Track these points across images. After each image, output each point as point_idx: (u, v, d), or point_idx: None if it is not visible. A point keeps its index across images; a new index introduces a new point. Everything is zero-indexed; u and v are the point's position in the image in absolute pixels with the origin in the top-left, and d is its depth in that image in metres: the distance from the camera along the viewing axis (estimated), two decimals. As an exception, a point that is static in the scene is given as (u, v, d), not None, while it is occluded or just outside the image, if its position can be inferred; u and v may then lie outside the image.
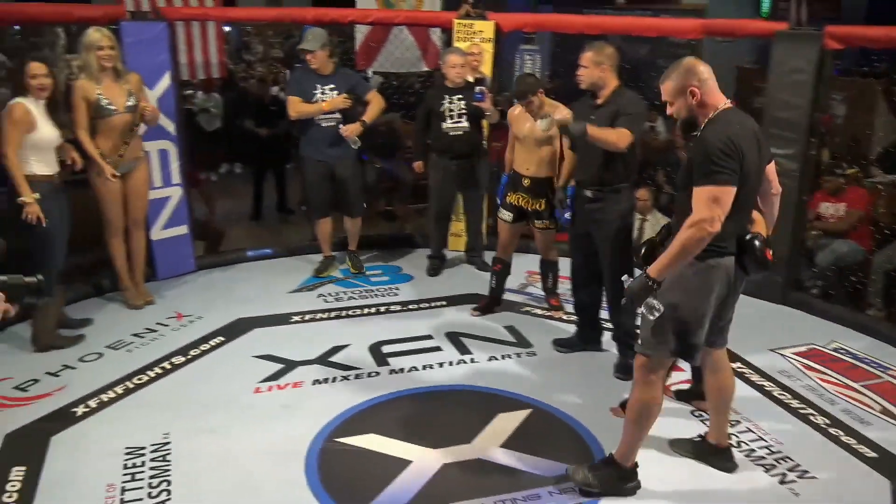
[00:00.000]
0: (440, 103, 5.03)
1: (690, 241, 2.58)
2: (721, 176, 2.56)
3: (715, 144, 2.57)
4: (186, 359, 4.07)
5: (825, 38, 4.60)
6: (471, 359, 4.12)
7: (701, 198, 2.58)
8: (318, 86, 4.90)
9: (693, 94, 2.68)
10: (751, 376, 4.01)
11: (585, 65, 3.70)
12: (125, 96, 4.34)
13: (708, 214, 2.55)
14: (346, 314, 4.70)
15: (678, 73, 2.72)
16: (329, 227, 5.30)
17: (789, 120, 4.74)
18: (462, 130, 5.05)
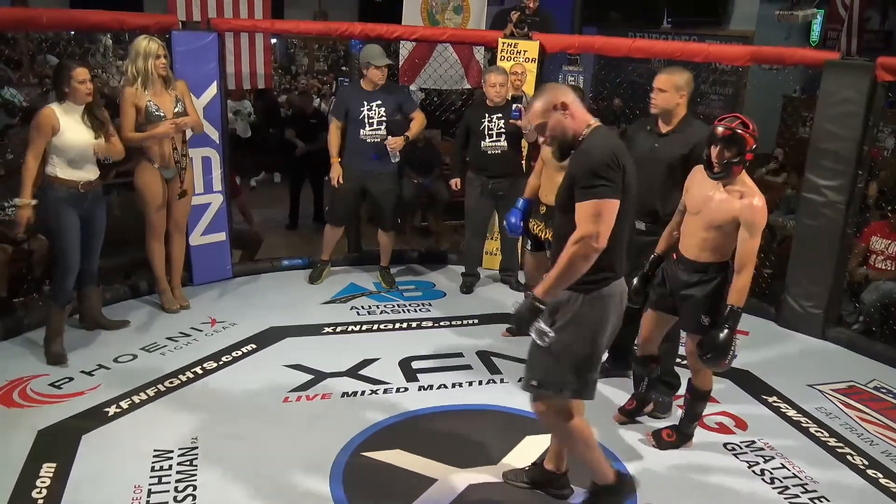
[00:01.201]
0: (480, 122, 5.04)
1: (576, 259, 2.49)
2: (604, 189, 2.47)
3: (597, 157, 2.49)
4: (218, 365, 4.11)
5: (877, 70, 4.51)
6: (500, 379, 4.09)
7: (584, 213, 2.49)
8: (365, 102, 4.98)
9: (564, 106, 2.60)
10: (787, 412, 3.91)
11: (665, 89, 3.53)
12: (173, 103, 4.44)
13: (592, 230, 2.47)
14: (378, 328, 4.71)
15: (543, 95, 2.66)
16: (338, 236, 5.40)
17: (836, 151, 4.66)
18: (500, 149, 5.04)
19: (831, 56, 4.85)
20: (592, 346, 2.66)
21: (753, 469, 3.38)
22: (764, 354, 4.49)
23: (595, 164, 2.49)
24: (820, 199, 4.74)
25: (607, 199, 2.48)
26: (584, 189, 2.49)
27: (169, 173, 4.52)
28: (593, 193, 2.47)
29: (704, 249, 3.19)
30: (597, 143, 2.56)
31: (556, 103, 2.61)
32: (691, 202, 3.26)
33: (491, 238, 5.72)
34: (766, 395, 4.05)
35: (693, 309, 3.24)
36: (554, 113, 2.62)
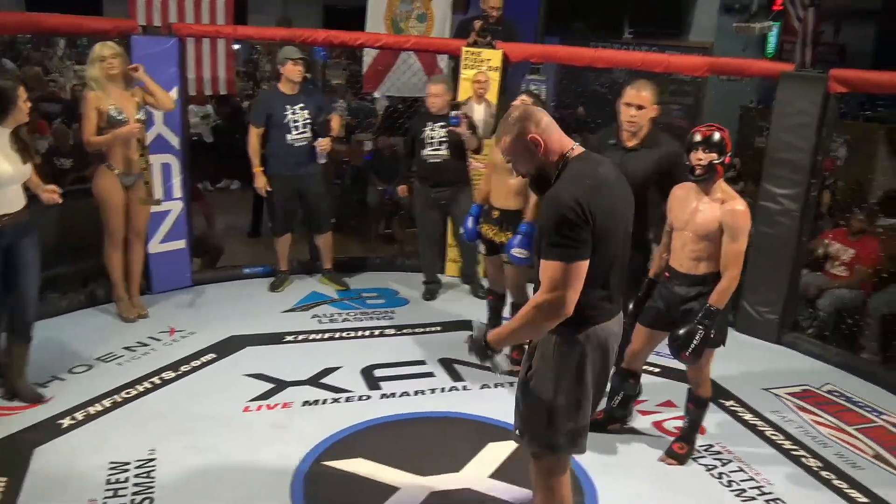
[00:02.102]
0: (422, 131, 5.06)
1: (536, 321, 2.25)
2: (568, 251, 2.17)
3: (560, 211, 2.16)
4: (177, 374, 4.05)
5: (830, 81, 4.63)
6: (463, 386, 4.10)
7: (548, 274, 2.20)
8: (288, 106, 4.99)
9: (536, 143, 2.29)
10: (744, 415, 3.98)
11: (644, 105, 3.50)
12: (135, 107, 4.38)
13: (554, 296, 2.19)
14: (340, 336, 4.68)
15: (512, 125, 2.32)
16: (288, 244, 5.38)
17: (791, 161, 4.77)
18: (441, 158, 5.04)
19: (786, 68, 4.96)
20: (569, 394, 2.38)
21: (712, 473, 3.43)
22: (722, 359, 4.54)
23: (559, 218, 2.17)
24: (776, 208, 4.85)
25: (573, 262, 2.18)
26: (549, 246, 2.20)
27: (129, 179, 4.45)
28: (557, 254, 2.19)
29: (700, 261, 3.23)
30: (564, 191, 2.21)
31: (525, 138, 2.30)
32: (677, 219, 3.31)
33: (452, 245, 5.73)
34: (723, 400, 4.11)
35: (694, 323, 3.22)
36: (524, 149, 2.33)
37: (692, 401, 3.45)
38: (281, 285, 5.38)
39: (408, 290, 5.52)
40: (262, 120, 5.03)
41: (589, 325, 2.34)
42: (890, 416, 4.08)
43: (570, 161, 2.32)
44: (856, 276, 5.19)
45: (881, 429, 3.95)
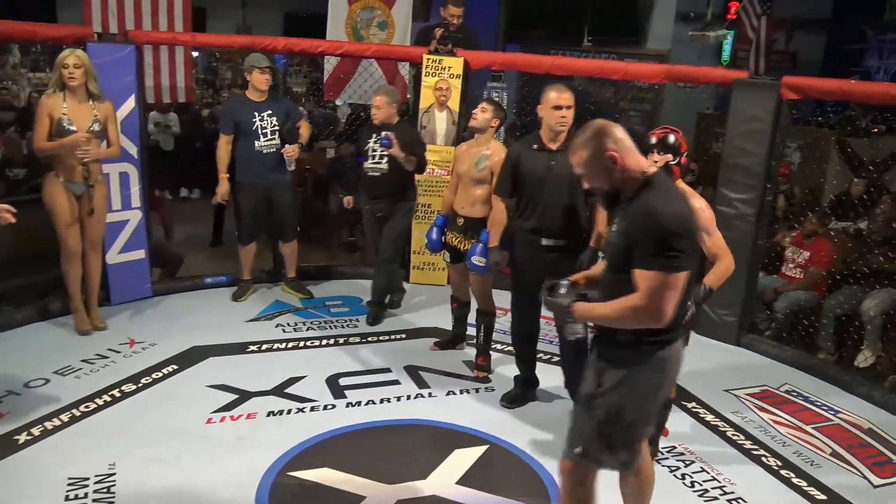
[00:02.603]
0: (366, 142, 4.89)
1: (625, 321, 2.31)
2: (675, 262, 2.21)
3: (667, 224, 2.20)
4: (137, 387, 3.97)
5: (782, 88, 4.74)
6: (429, 393, 4.09)
7: (648, 284, 2.22)
8: (256, 113, 4.97)
9: (613, 160, 2.32)
10: (705, 416, 4.05)
11: (572, 105, 3.59)
12: (90, 120, 4.29)
13: (655, 304, 2.23)
14: (304, 345, 4.64)
15: (589, 140, 2.35)
16: (253, 253, 5.33)
17: (746, 166, 4.87)
18: (380, 172, 4.82)
19: (740, 75, 5.07)
20: (642, 411, 2.41)
21: (675, 474, 3.47)
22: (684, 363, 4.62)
23: (665, 232, 2.20)
24: (732, 212, 4.94)
25: (677, 272, 2.22)
26: (651, 258, 2.21)
27: (77, 188, 4.35)
28: (661, 265, 2.20)
29: None
30: (664, 206, 2.24)
31: (604, 155, 2.31)
32: None
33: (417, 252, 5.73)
34: (685, 402, 4.17)
35: None
36: (602, 167, 2.33)
37: None
38: (244, 294, 5.32)
39: (372, 298, 5.50)
40: (230, 127, 4.99)
41: (669, 342, 2.38)
42: (846, 415, 4.18)
43: (654, 177, 2.34)
44: (810, 277, 5.32)
45: (837, 427, 4.04)
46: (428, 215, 5.62)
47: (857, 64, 11.88)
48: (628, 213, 2.32)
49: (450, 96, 5.55)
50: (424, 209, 5.70)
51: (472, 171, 4.14)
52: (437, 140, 5.62)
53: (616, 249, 2.36)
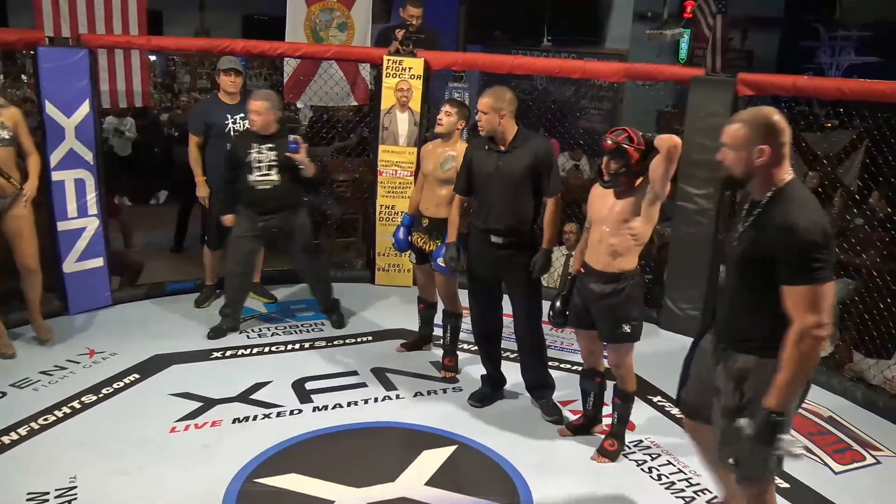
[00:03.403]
0: (247, 152, 4.51)
1: (807, 356, 2.24)
2: (823, 272, 2.21)
3: (811, 237, 2.20)
4: (98, 397, 3.89)
5: (738, 85, 4.81)
6: (396, 395, 4.07)
7: (800, 300, 2.22)
8: (228, 115, 4.92)
9: (761, 153, 2.30)
10: (671, 409, 4.09)
11: (485, 111, 3.60)
12: None
13: (815, 320, 2.21)
14: (269, 350, 4.59)
15: (758, 123, 2.33)
16: (218, 258, 5.23)
17: (706, 162, 4.91)
18: (271, 184, 4.52)
19: (697, 73, 5.15)
20: (790, 417, 2.38)
21: (642, 468, 3.50)
22: (648, 357, 4.65)
23: (809, 245, 2.20)
24: (693, 207, 5.00)
25: (825, 283, 2.21)
26: (797, 273, 2.21)
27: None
28: (810, 278, 2.20)
29: (614, 256, 3.29)
30: (802, 219, 2.23)
31: (760, 143, 2.30)
32: (596, 214, 3.38)
33: (384, 254, 5.71)
34: (651, 396, 4.22)
35: (610, 320, 3.34)
36: (751, 153, 2.31)
37: (618, 395, 3.52)
38: (206, 301, 5.24)
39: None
40: (200, 128, 4.91)
41: None
42: (806, 403, 4.23)
43: (791, 186, 2.32)
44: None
45: (797, 416, 4.08)
46: (392, 217, 5.60)
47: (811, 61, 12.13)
48: (761, 224, 2.32)
49: (411, 97, 5.53)
50: (388, 210, 5.67)
51: (437, 172, 4.13)
52: (400, 141, 5.60)
53: (744, 256, 2.37)
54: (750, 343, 2.40)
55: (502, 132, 3.64)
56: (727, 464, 2.48)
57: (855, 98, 4.46)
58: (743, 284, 2.41)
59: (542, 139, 3.76)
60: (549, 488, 3.29)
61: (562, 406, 3.96)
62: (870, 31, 11.46)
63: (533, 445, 3.64)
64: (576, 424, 3.76)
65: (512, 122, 3.66)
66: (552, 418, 3.85)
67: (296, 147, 4.42)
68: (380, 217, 5.72)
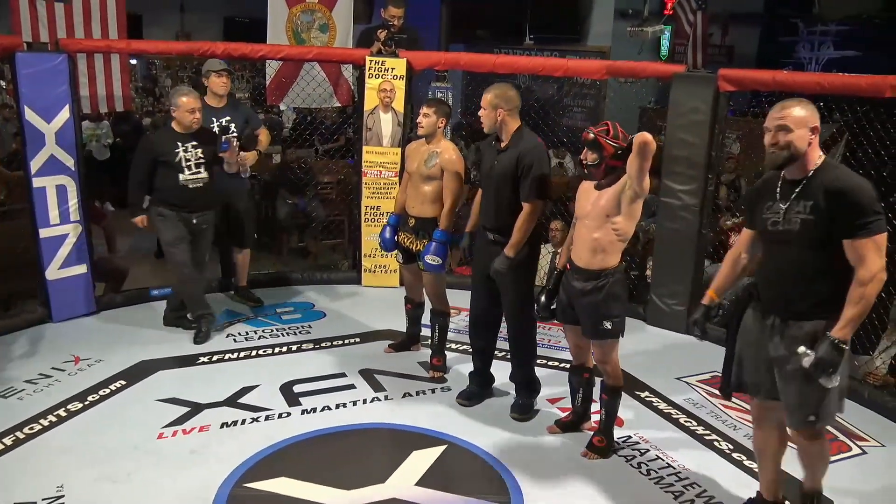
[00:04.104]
0: (173, 152, 4.48)
1: (871, 297, 2.56)
2: (881, 223, 2.56)
3: (867, 194, 2.55)
4: (84, 405, 3.86)
5: (719, 80, 4.85)
6: (385, 396, 4.07)
7: (867, 250, 2.54)
8: (214, 119, 4.91)
9: (815, 131, 2.65)
10: (658, 405, 4.11)
11: (484, 107, 3.64)
12: None
13: (880, 263, 2.55)
14: (257, 354, 4.57)
15: (809, 107, 2.67)
16: None
17: (688, 158, 4.96)
18: (202, 182, 4.57)
19: (678, 69, 5.18)
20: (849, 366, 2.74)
21: (631, 463, 3.52)
22: (635, 353, 4.69)
23: (868, 200, 2.54)
24: (676, 203, 5.03)
25: (883, 231, 2.56)
26: (861, 227, 2.53)
27: None
28: (870, 230, 2.53)
29: (596, 253, 3.30)
30: (853, 179, 2.60)
31: (814, 124, 2.64)
32: (580, 210, 3.41)
33: (369, 255, 5.70)
34: (638, 391, 4.24)
35: (592, 316, 3.35)
36: (806, 131, 2.63)
37: (605, 391, 3.54)
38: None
39: (324, 303, 5.45)
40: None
41: None
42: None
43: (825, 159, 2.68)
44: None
45: None
46: (377, 217, 5.60)
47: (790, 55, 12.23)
48: (810, 195, 2.62)
49: (394, 97, 5.53)
50: (373, 211, 5.67)
51: (421, 169, 4.13)
52: (384, 141, 5.60)
53: (804, 227, 2.63)
54: (817, 309, 2.66)
55: (504, 130, 3.66)
56: (807, 423, 2.71)
57: (834, 92, 4.49)
58: (807, 254, 2.65)
59: (532, 142, 3.66)
60: (540, 486, 3.30)
61: (550, 403, 3.98)
62: (848, 26, 11.58)
63: (523, 443, 3.64)
64: (565, 421, 3.77)
65: (512, 120, 3.67)
66: (513, 414, 3.87)
67: (227, 147, 4.50)
68: (365, 218, 5.72)
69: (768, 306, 2.81)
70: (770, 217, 2.74)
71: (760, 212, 2.80)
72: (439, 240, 4.02)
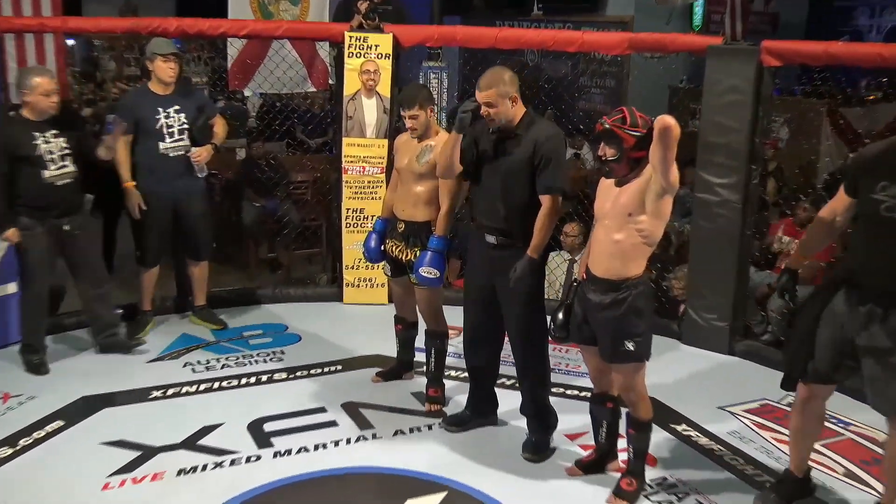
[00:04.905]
0: (32, 145, 4.38)
1: None
2: None
3: None
4: (14, 450, 3.84)
5: (762, 54, 4.85)
6: (373, 434, 4.06)
7: None
8: (160, 109, 4.93)
9: None
10: (698, 440, 4.09)
11: (494, 103, 3.58)
12: None
13: None
14: (220, 386, 4.56)
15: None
16: (155, 279, 5.25)
17: (727, 145, 4.96)
18: (71, 177, 4.52)
19: (714, 41, 5.18)
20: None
21: (667, 510, 3.50)
22: (669, 377, 4.68)
23: None
24: (714, 199, 5.03)
25: None
26: None
27: None
28: None
29: (616, 259, 3.28)
30: None
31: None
32: (599, 209, 3.39)
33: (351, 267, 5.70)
34: (674, 424, 4.22)
35: (610, 335, 3.32)
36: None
37: (631, 425, 3.51)
38: (143, 329, 5.21)
39: (300, 324, 5.45)
40: (128, 125, 4.89)
41: None
42: (857, 427, 4.28)
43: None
44: (808, 271, 5.44)
45: (848, 442, 4.13)
46: (361, 222, 5.60)
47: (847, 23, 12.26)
48: None
49: (379, 80, 5.53)
50: (356, 215, 5.67)
51: (413, 166, 4.11)
52: (367, 132, 5.60)
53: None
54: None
55: (513, 119, 3.65)
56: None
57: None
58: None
59: (549, 125, 3.75)
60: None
61: (569, 440, 3.96)
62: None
63: (537, 489, 3.63)
64: (587, 462, 3.75)
65: (520, 105, 3.67)
66: (525, 454, 3.86)
67: (112, 129, 4.49)
68: (346, 223, 5.71)
69: (870, 294, 3.04)
70: (886, 201, 2.94)
71: (870, 189, 2.99)
72: (435, 248, 3.99)
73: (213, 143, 5.12)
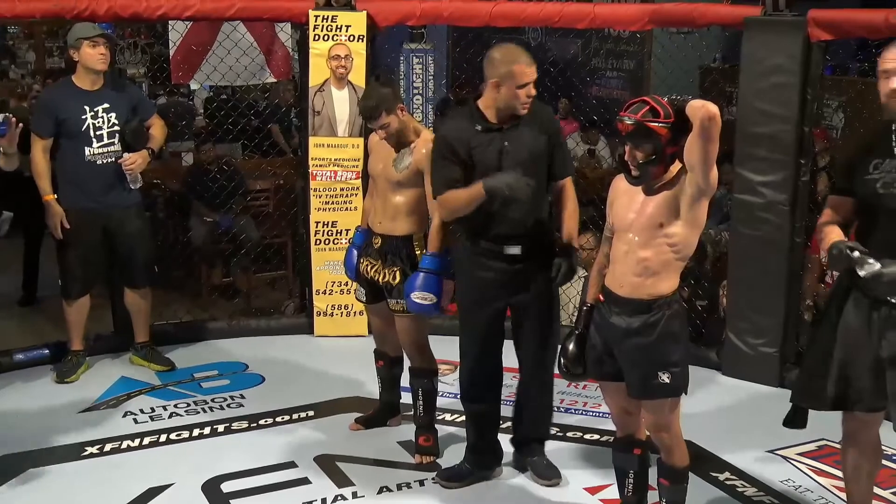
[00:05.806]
0: None
1: None
2: None
3: None
4: (-80, 523, 3.85)
5: (809, 27, 4.89)
6: (353, 493, 4.06)
7: None
8: (87, 108, 4.95)
9: None
10: (745, 491, 4.09)
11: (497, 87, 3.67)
12: None
13: None
14: (167, 439, 4.57)
15: None
16: (86, 312, 5.24)
17: (771, 136, 4.98)
18: None
19: (752, 11, 5.20)
20: None
21: (708, 576, 3.51)
22: (707, 416, 4.69)
23: None
24: (757, 201, 5.05)
25: None
26: None
27: None
28: None
29: (645, 277, 3.29)
30: None
31: None
32: (619, 219, 3.35)
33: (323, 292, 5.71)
34: (715, 473, 4.22)
35: (641, 366, 3.31)
36: None
37: (664, 475, 3.51)
38: (73, 372, 5.21)
39: (262, 363, 5.46)
40: (49, 128, 4.93)
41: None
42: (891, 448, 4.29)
43: None
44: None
45: (886, 470, 4.12)
46: (334, 238, 5.62)
47: (912, -13, 12.36)
48: None
49: (351, 67, 5.56)
50: (327, 229, 5.67)
51: (389, 173, 4.11)
52: (339, 129, 5.62)
53: None
54: None
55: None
56: None
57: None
58: None
59: (542, 105, 3.89)
60: None
61: (590, 494, 3.97)
62: None
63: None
64: None
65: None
66: (551, 482, 3.95)
67: (5, 130, 4.35)
68: (316, 240, 5.72)
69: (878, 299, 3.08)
70: (881, 178, 3.04)
71: (864, 172, 3.11)
72: (429, 269, 3.96)
73: (149, 147, 5.12)
